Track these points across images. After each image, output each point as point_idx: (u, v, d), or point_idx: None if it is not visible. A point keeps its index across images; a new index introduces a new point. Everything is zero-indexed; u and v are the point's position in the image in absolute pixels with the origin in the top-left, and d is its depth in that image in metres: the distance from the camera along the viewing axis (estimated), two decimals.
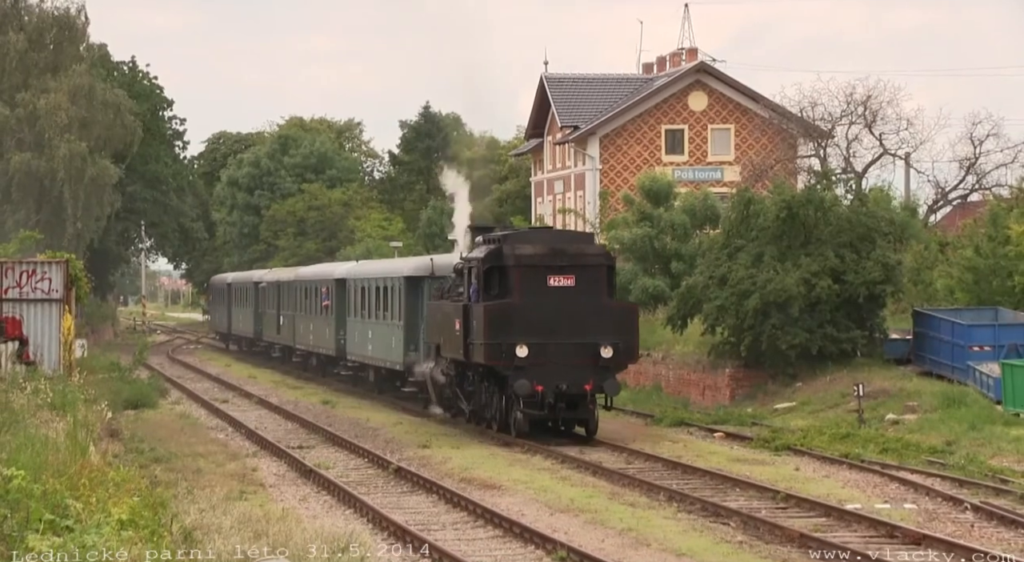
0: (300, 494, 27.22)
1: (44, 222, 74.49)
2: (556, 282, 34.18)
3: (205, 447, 33.71)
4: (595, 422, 34.57)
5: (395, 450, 33.35)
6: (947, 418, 35.16)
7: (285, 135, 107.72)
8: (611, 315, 34.62)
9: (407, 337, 42.51)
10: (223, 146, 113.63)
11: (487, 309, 34.00)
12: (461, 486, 27.33)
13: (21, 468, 15.50)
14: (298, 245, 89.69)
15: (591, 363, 33.89)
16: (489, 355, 33.90)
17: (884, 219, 46.12)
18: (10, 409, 23.69)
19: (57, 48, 78.78)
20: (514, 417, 33.92)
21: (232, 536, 18.87)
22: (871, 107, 63.03)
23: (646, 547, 21.37)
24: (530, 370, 33.37)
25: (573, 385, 33.52)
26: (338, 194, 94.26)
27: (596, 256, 35.45)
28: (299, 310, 59.44)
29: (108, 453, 24.50)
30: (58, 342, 38.57)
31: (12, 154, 75.49)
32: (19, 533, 13.34)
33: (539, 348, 33.55)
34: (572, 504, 25.37)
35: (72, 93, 75.59)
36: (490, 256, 34.89)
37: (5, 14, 77.55)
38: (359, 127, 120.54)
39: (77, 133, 75.31)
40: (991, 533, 22.65)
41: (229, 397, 49.60)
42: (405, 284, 43.13)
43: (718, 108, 73.62)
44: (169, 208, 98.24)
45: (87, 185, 75.72)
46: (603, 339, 33.91)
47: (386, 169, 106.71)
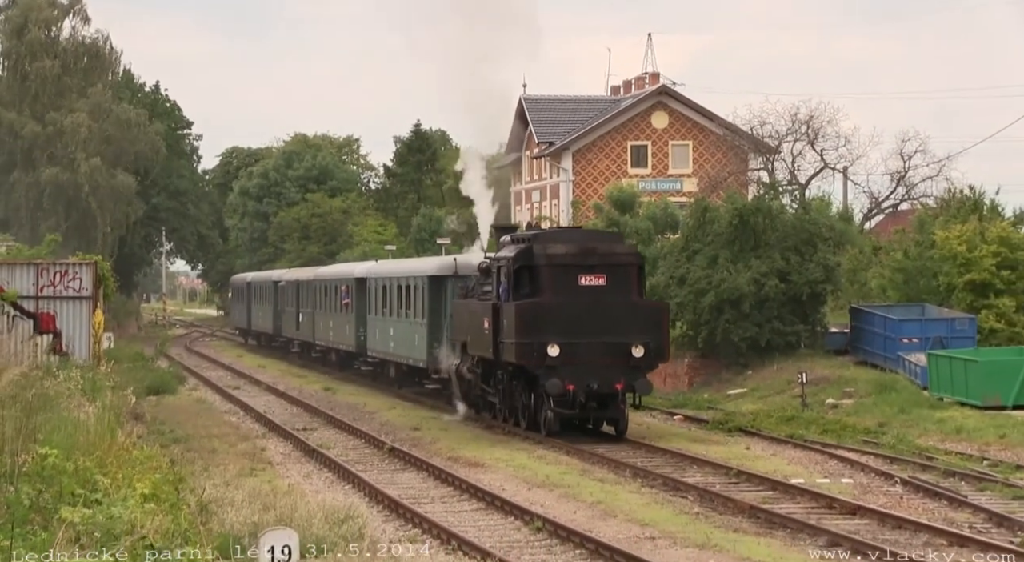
0: (304, 471, 27.25)
1: (73, 228, 74.32)
2: (587, 281, 30.93)
3: (219, 429, 33.68)
4: (625, 421, 31.35)
5: (389, 432, 33.23)
6: (880, 402, 35.36)
7: (291, 150, 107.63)
8: (642, 314, 31.23)
9: (431, 334, 39.14)
10: (235, 159, 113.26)
11: (518, 308, 30.85)
12: (448, 464, 27.33)
13: (55, 447, 15.52)
14: (302, 248, 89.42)
15: (622, 362, 30.56)
16: (520, 354, 30.73)
17: (824, 226, 46.32)
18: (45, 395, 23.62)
19: (86, 73, 78.50)
20: (544, 416, 30.83)
21: (243, 508, 18.85)
22: (813, 126, 63.16)
23: (613, 518, 21.42)
24: (561, 369, 30.20)
25: (604, 384, 30.32)
26: (338, 202, 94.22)
27: (626, 255, 32.03)
28: (318, 308, 56.19)
29: (133, 434, 24.43)
30: (88, 335, 38.45)
31: (43, 167, 75.42)
32: (53, 505, 13.37)
33: (570, 347, 30.30)
34: (547, 480, 25.37)
35: (93, 113, 75.40)
36: (520, 255, 31.67)
37: (42, 43, 77.28)
38: (357, 143, 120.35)
39: (97, 149, 75.14)
40: (918, 504, 22.80)
41: (240, 384, 49.47)
42: (428, 283, 39.76)
43: (678, 126, 73.67)
44: (187, 216, 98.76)
45: (109, 195, 75.70)
46: (634, 338, 30.59)
47: (381, 180, 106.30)
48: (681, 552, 18.80)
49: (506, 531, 20.55)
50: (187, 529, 14.21)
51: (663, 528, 20.54)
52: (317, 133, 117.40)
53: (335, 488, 24.78)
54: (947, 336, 39.23)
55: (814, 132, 63.19)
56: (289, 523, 16.73)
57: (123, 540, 11.84)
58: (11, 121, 76.00)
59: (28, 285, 37.79)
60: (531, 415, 31.72)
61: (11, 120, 76.04)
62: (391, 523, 21.25)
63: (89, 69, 78.78)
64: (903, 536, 19.87)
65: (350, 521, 19.10)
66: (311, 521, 18.29)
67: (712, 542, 19.39)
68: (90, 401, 26.44)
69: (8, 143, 76.49)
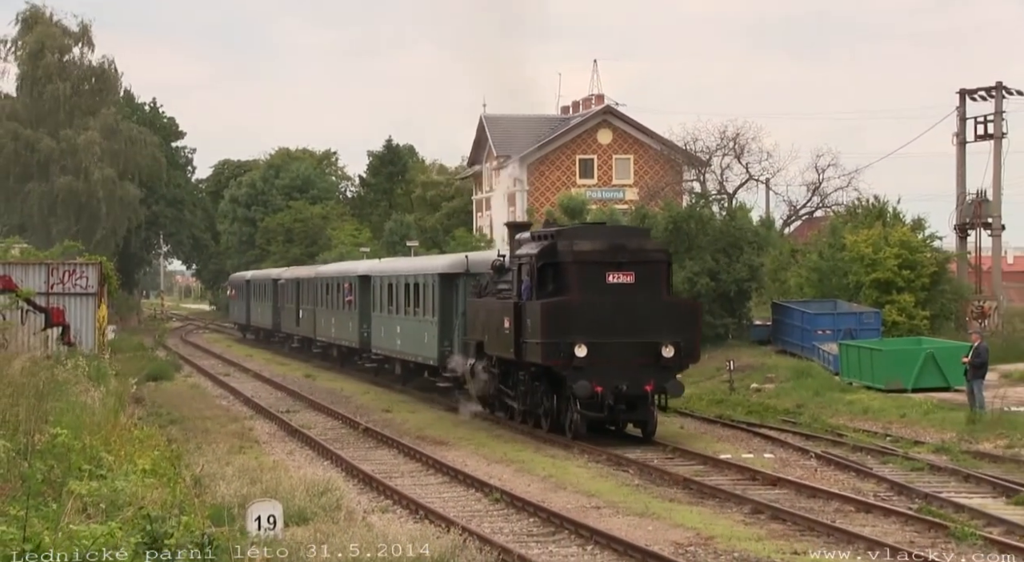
0: (287, 449, 27.11)
1: (82, 231, 74.07)
2: (615, 279, 26.50)
3: (211, 411, 33.51)
4: (654, 423, 27.12)
5: (363, 414, 33.10)
6: (797, 387, 35.53)
7: (276, 162, 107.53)
8: (672, 313, 26.95)
9: (441, 333, 34.96)
10: (226, 171, 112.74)
11: (544, 307, 26.52)
12: (416, 442, 27.25)
13: (65, 428, 15.45)
14: (286, 250, 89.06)
15: (652, 363, 26.37)
16: (546, 355, 26.42)
17: (749, 230, 46.54)
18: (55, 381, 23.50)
19: (93, 93, 78.36)
20: (571, 419, 26.77)
21: (233, 482, 18.77)
22: (739, 142, 63.22)
23: (563, 490, 21.43)
24: (589, 370, 26.01)
25: (633, 386, 26.13)
26: (318, 209, 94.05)
27: (656, 252, 27.54)
28: (320, 304, 51.83)
29: (134, 416, 24.38)
30: (93, 328, 38.26)
31: (57, 178, 75.38)
32: (63, 479, 13.33)
33: (598, 348, 26.03)
34: (505, 457, 25.36)
35: (103, 131, 75.44)
36: (544, 252, 27.20)
37: (55, 67, 77.10)
38: (335, 156, 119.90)
39: (108, 162, 75.23)
40: (830, 475, 22.92)
41: (231, 371, 49.16)
42: (439, 281, 35.31)
43: (620, 142, 73.80)
44: (183, 221, 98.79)
45: (116, 203, 75.72)
46: (664, 338, 26.36)
47: (356, 189, 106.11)
48: (623, 520, 18.84)
49: (468, 502, 20.54)
50: (183, 500, 14.16)
51: (607, 498, 20.60)
52: (299, 147, 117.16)
53: (315, 464, 24.68)
54: (856, 328, 39.45)
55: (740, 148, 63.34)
56: (274, 495, 16.66)
57: (125, 510, 11.80)
58: (28, 136, 76.11)
59: (40, 283, 37.66)
60: (554, 417, 27.72)
61: (28, 135, 76.12)
62: (366, 495, 21.20)
63: (96, 90, 78.69)
64: (817, 504, 19.99)
65: (329, 493, 19.05)
66: (294, 493, 18.22)
67: (650, 511, 19.45)
68: (96, 386, 26.33)
69: (25, 156, 76.31)
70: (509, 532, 17.95)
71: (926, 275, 43.94)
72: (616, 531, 17.54)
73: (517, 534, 17.85)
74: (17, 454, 14.15)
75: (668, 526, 18.35)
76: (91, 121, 75.85)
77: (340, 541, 14.45)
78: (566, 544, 17.25)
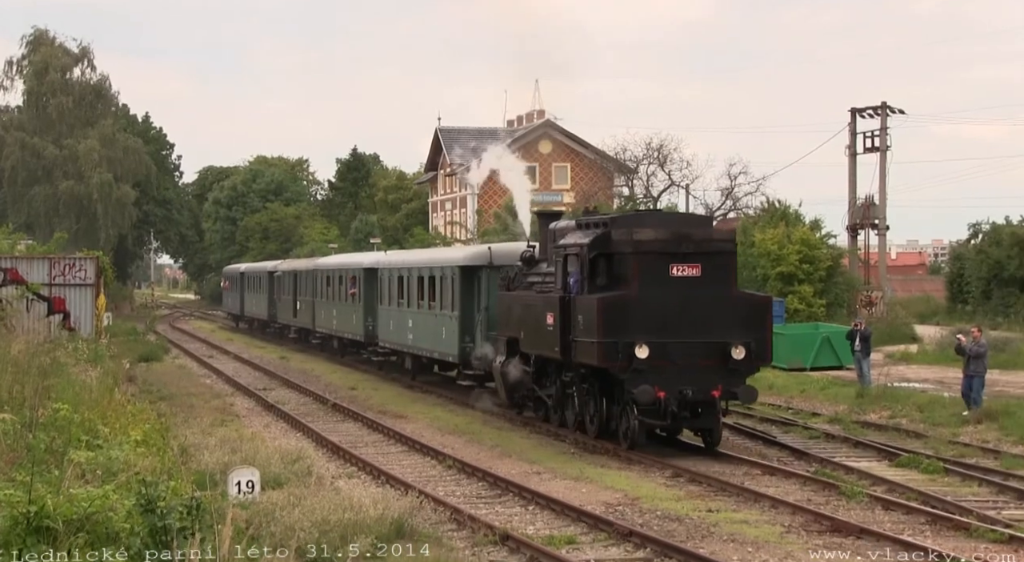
0: (264, 422, 26.84)
1: (82, 229, 73.64)
2: (679, 272, 21.01)
3: (196, 389, 33.08)
4: (719, 432, 21.74)
5: (332, 391, 32.79)
6: None
7: (254, 168, 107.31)
8: (742, 309, 21.40)
9: (462, 328, 29.60)
10: (210, 175, 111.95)
11: (602, 303, 20.96)
12: (379, 416, 27.06)
13: (65, 403, 15.32)
14: (263, 246, 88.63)
15: (719, 365, 20.95)
16: (603, 356, 20.83)
17: None
18: (57, 362, 23.26)
19: (92, 107, 78.04)
20: (629, 426, 21.33)
21: (216, 451, 18.59)
22: (663, 152, 63.82)
23: (509, 458, 21.39)
24: (650, 373, 20.62)
25: (699, 391, 20.73)
26: (292, 210, 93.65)
27: (723, 241, 21.89)
28: (319, 296, 46.46)
29: (127, 393, 24.05)
30: (91, 315, 37.84)
31: (60, 182, 75.12)
32: (64, 449, 13.22)
33: (660, 348, 20.70)
34: (457, 428, 25.24)
35: (101, 140, 75.26)
36: (598, 241, 21.68)
37: (58, 84, 76.95)
38: (307, 163, 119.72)
39: (105, 168, 74.97)
40: (740, 443, 22.98)
41: (214, 354, 48.54)
42: (460, 273, 29.90)
43: (559, 151, 73.90)
44: (172, 220, 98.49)
45: (113, 204, 75.42)
46: (733, 337, 20.94)
47: (326, 193, 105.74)
48: (561, 483, 18.86)
49: (424, 468, 20.47)
50: (171, 467, 14.06)
51: (547, 465, 20.57)
52: (275, 155, 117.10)
53: (289, 435, 24.47)
54: None
55: (664, 157, 63.88)
56: (252, 463, 16.57)
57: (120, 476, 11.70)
58: (33, 144, 76.00)
59: (43, 275, 37.21)
60: (602, 422, 22.37)
61: (33, 144, 76.01)
62: (334, 463, 21.07)
63: (95, 104, 78.38)
64: (729, 468, 20.06)
65: (301, 461, 18.94)
66: (270, 461, 18.08)
67: (585, 475, 19.48)
68: (93, 367, 26.06)
69: (30, 162, 76.16)
70: (460, 495, 17.92)
71: (823, 269, 44.43)
72: (555, 493, 17.57)
73: (468, 496, 17.82)
74: (23, 427, 13.99)
75: (600, 488, 18.38)
76: (90, 131, 75.73)
77: (311, 503, 14.39)
78: (511, 505, 17.25)
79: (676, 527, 15.62)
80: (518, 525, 15.62)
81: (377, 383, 35.07)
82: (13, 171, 75.60)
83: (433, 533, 14.61)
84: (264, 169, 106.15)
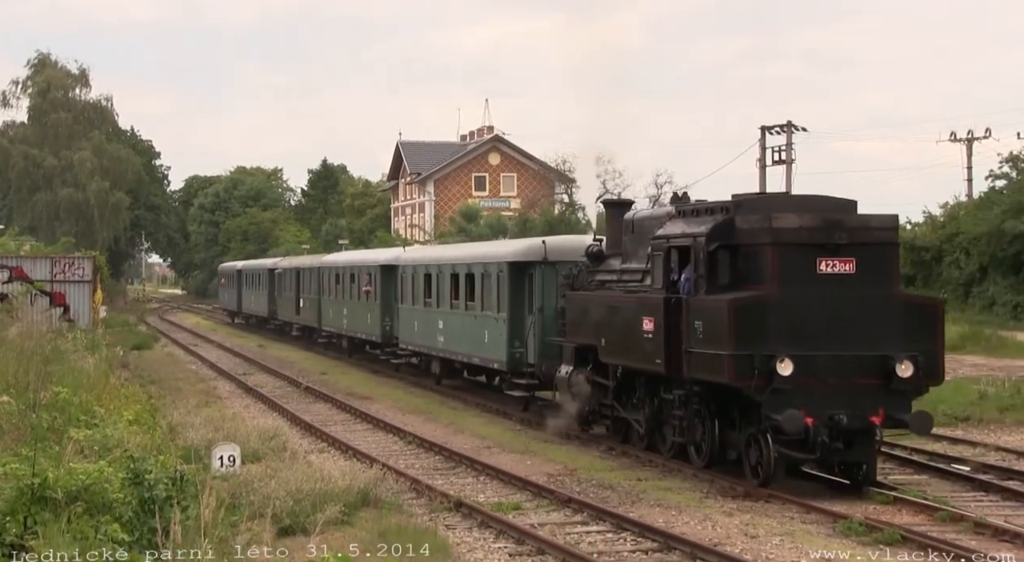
0: (244, 403, 26.66)
1: (80, 232, 73.05)
2: (829, 268, 14.83)
3: (183, 374, 32.86)
4: (874, 467, 15.38)
5: (305, 375, 32.59)
6: None
7: (235, 177, 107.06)
8: (907, 315, 15.14)
9: (511, 332, 23.19)
10: (195, 183, 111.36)
11: (734, 306, 14.82)
12: (347, 398, 26.92)
13: (65, 387, 15.20)
14: (243, 247, 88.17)
15: (880, 384, 14.79)
16: (736, 372, 14.66)
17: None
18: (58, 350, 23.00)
19: (90, 122, 77.51)
20: (767, 458, 14.92)
21: (200, 429, 18.48)
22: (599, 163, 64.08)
23: (462, 434, 21.38)
24: (794, 394, 14.51)
25: (855, 416, 14.64)
26: (268, 215, 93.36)
27: (883, 230, 15.29)
28: (326, 294, 40.63)
29: (121, 378, 23.84)
30: (89, 308, 37.53)
31: (60, 189, 74.71)
32: (64, 427, 13.12)
33: (806, 363, 14.61)
34: (416, 408, 25.22)
35: (94, 151, 74.97)
36: (719, 231, 15.48)
37: (59, 101, 76.53)
38: (281, 172, 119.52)
39: (101, 176, 74.60)
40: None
41: (199, 343, 48.07)
42: (509, 270, 23.32)
43: (507, 163, 74.12)
44: (160, 224, 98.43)
45: (108, 209, 75.03)
46: (898, 350, 14.79)
47: (299, 199, 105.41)
48: (509, 456, 18.89)
49: (387, 444, 20.40)
50: (160, 444, 13.97)
51: (496, 440, 20.57)
52: (253, 165, 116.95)
53: (266, 415, 24.32)
54: None
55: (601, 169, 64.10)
56: (234, 439, 16.49)
57: (114, 451, 11.62)
58: (35, 156, 75.54)
59: (45, 272, 37.04)
60: (715, 450, 16.26)
61: (35, 155, 75.56)
62: (307, 439, 20.98)
63: (91, 120, 77.92)
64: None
65: (277, 438, 18.83)
66: (249, 438, 17.97)
67: (530, 449, 19.51)
68: (90, 354, 25.75)
69: (33, 172, 75.80)
70: (419, 467, 17.86)
71: None
72: (503, 465, 17.58)
73: (426, 468, 17.78)
74: (27, 408, 13.84)
75: (543, 461, 18.40)
76: (84, 143, 75.44)
77: (286, 475, 14.36)
78: (464, 476, 17.25)
79: (609, 494, 15.68)
80: (470, 493, 15.61)
81: (347, 369, 34.67)
82: (17, 179, 75.26)
83: (395, 501, 14.59)
84: (244, 178, 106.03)
